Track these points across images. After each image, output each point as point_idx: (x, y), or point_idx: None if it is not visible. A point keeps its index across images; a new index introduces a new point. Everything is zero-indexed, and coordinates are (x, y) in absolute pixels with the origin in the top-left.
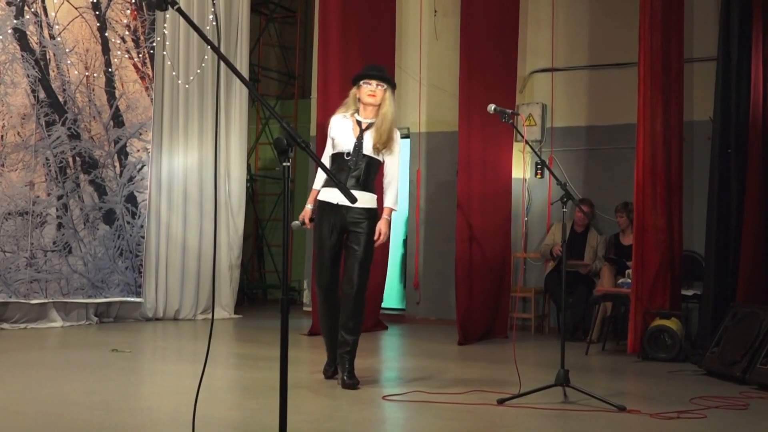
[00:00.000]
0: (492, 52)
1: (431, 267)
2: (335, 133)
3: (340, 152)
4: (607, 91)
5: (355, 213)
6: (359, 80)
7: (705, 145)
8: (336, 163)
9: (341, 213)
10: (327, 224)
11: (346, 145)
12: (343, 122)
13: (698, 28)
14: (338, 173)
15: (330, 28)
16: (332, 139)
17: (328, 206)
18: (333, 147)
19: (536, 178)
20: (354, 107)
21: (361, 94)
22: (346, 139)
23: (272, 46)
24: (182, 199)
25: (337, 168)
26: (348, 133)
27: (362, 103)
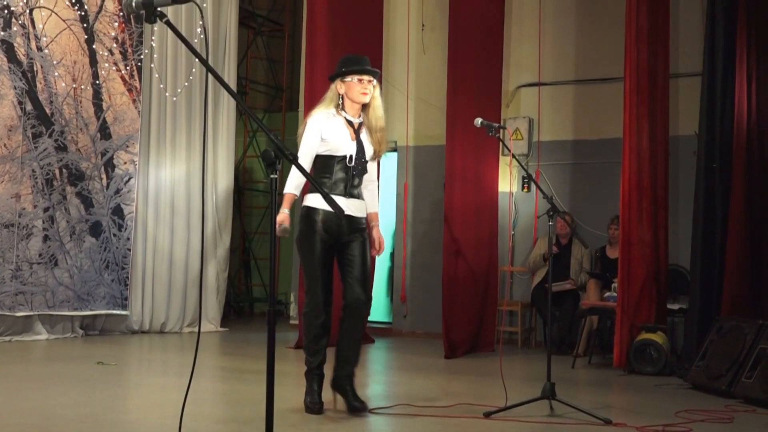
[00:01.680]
0: (479, 66)
1: (418, 280)
2: (329, 134)
3: (335, 156)
4: (594, 106)
5: (356, 222)
6: (346, 75)
7: (690, 159)
8: (330, 167)
9: (342, 223)
10: (324, 236)
11: (346, 148)
12: (333, 121)
13: (684, 44)
14: (337, 180)
15: (317, 42)
16: (323, 140)
17: (330, 216)
18: (322, 148)
19: (523, 191)
20: (335, 103)
21: (350, 91)
22: (342, 141)
23: (260, 59)
24: (169, 211)
25: (336, 174)
26: (344, 135)
27: (350, 101)
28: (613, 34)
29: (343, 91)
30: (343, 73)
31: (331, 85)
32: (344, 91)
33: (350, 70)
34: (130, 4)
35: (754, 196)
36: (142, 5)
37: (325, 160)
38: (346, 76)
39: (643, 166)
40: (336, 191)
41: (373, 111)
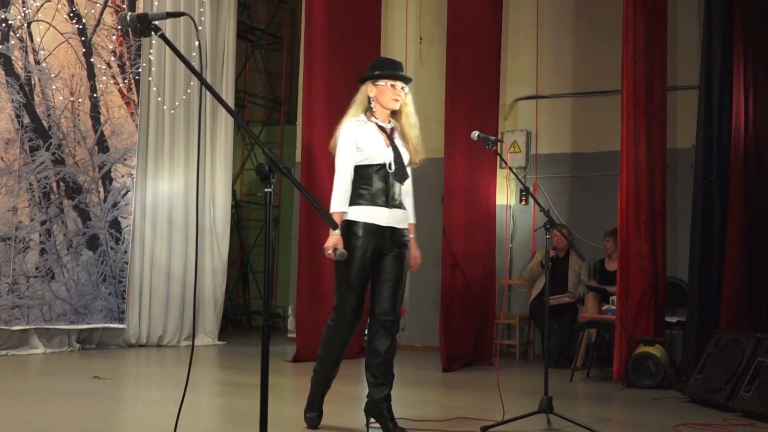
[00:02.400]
0: (477, 79)
1: (416, 293)
2: (365, 142)
3: (373, 165)
4: (591, 119)
5: (398, 235)
6: (379, 79)
7: (688, 172)
8: (369, 177)
9: (385, 236)
10: (368, 250)
11: (383, 156)
12: (365, 129)
13: (681, 57)
14: (377, 190)
15: (315, 55)
16: (359, 149)
17: (372, 229)
18: (358, 158)
19: (521, 204)
20: (365, 108)
21: (381, 96)
22: (379, 148)
23: (258, 73)
24: (167, 224)
25: (375, 183)
26: (379, 142)
27: (380, 106)
28: (611, 47)
29: (373, 94)
30: (376, 77)
31: (361, 87)
32: (374, 95)
33: (384, 74)
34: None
35: (751, 209)
36: (137, 19)
37: (362, 170)
38: (378, 79)
39: (640, 179)
40: (377, 202)
41: (405, 117)
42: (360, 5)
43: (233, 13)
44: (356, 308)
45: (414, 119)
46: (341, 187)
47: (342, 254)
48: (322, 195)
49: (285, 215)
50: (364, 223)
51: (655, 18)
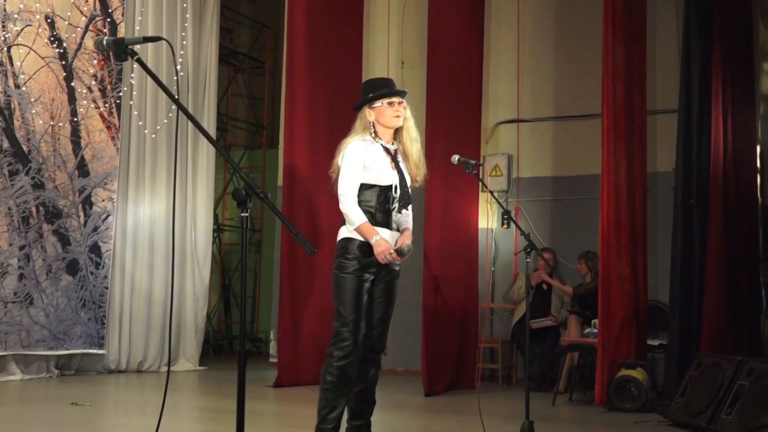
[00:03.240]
0: (458, 103)
1: (398, 317)
2: (372, 162)
3: (379, 186)
4: (572, 142)
5: (393, 262)
6: (374, 101)
7: (668, 195)
8: (373, 198)
9: None
10: (368, 270)
11: (389, 177)
12: (373, 149)
13: (660, 81)
14: (382, 211)
15: (297, 79)
16: (366, 168)
17: (368, 248)
18: (364, 178)
19: (502, 228)
20: (369, 132)
21: (381, 117)
22: (386, 170)
23: (241, 97)
24: (148, 249)
25: (380, 205)
26: (386, 164)
27: (383, 127)
28: (591, 72)
29: (373, 118)
30: (371, 99)
31: (359, 114)
32: (375, 118)
33: (378, 94)
34: (102, 42)
35: (731, 232)
36: (114, 44)
37: (367, 189)
38: (374, 101)
39: (621, 203)
40: (381, 223)
41: (407, 133)
42: (341, 29)
43: (215, 38)
44: (358, 333)
45: (415, 134)
46: (352, 201)
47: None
48: (304, 219)
49: (267, 239)
50: (360, 241)
51: (634, 42)
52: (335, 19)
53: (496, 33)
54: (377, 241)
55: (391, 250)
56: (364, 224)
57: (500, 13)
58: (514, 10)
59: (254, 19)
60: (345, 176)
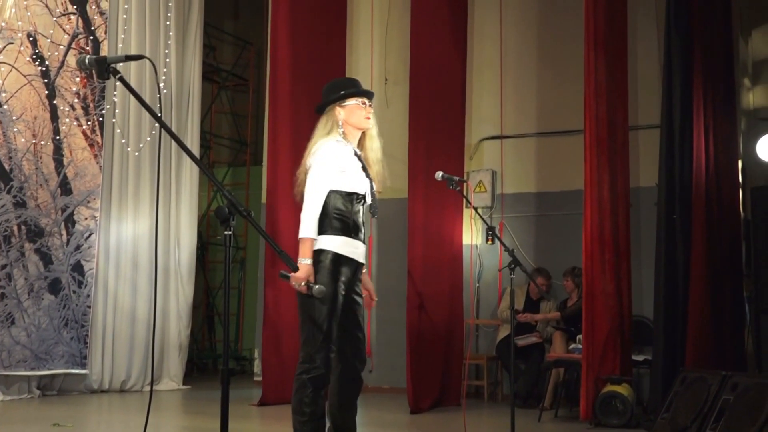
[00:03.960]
0: (441, 119)
1: (384, 335)
2: (348, 166)
3: (355, 193)
4: (556, 158)
5: (361, 269)
6: (346, 98)
7: (651, 210)
8: (349, 207)
9: (356, 273)
10: (344, 286)
11: (362, 184)
12: (347, 151)
13: (642, 97)
14: (358, 223)
15: (280, 96)
16: (342, 172)
17: (348, 263)
18: (339, 184)
19: (487, 244)
20: (337, 132)
21: (352, 116)
22: (360, 176)
23: (224, 114)
24: (131, 267)
25: (355, 215)
26: (359, 169)
27: (352, 127)
28: (573, 87)
29: (343, 116)
30: (343, 97)
31: (328, 112)
32: (344, 117)
33: (351, 92)
34: (84, 60)
35: (713, 247)
36: (95, 62)
37: (343, 196)
38: (345, 99)
39: (604, 218)
40: (358, 236)
41: (370, 140)
42: (325, 46)
43: (198, 55)
44: (330, 357)
45: (378, 143)
46: (316, 209)
47: (320, 290)
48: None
49: (251, 256)
50: (344, 256)
51: (615, 58)
52: (319, 36)
53: (479, 49)
54: (302, 264)
55: (303, 282)
56: (309, 242)
57: (483, 30)
58: (496, 27)
59: (237, 37)
60: (317, 179)
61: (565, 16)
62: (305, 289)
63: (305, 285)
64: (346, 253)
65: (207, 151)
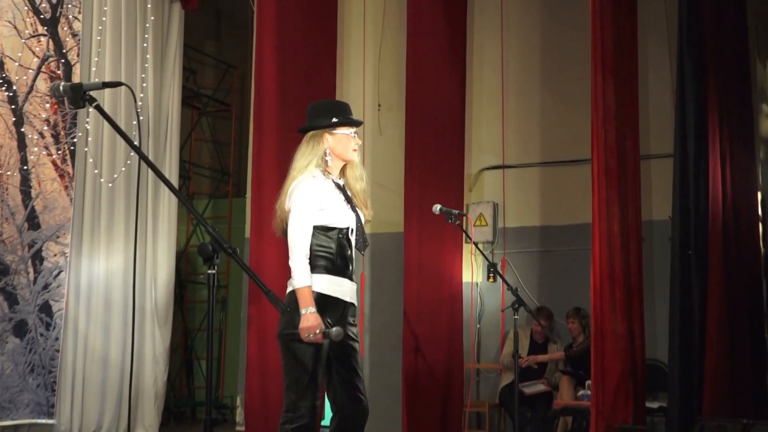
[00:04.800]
0: (438, 148)
1: (377, 379)
2: (327, 201)
3: (337, 228)
4: (562, 190)
5: (353, 313)
6: (337, 126)
7: (665, 245)
8: (331, 242)
9: (345, 314)
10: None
11: (346, 218)
12: (327, 187)
13: (654, 124)
14: (344, 258)
15: (265, 123)
16: (322, 210)
17: (333, 303)
18: (319, 219)
19: (488, 282)
20: (319, 162)
21: (339, 146)
22: (342, 209)
23: (205, 142)
24: (103, 308)
25: (340, 250)
26: (340, 201)
27: (336, 158)
28: (580, 114)
29: (330, 145)
30: (334, 124)
31: (314, 137)
32: (331, 146)
33: (344, 120)
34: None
35: (732, 284)
36: (71, 90)
37: (324, 232)
38: (337, 127)
39: (614, 254)
40: (344, 273)
41: (352, 170)
42: (314, 70)
43: (178, 79)
44: (316, 406)
45: (360, 171)
46: (303, 255)
47: (339, 333)
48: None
49: (233, 295)
50: (328, 296)
51: (625, 83)
52: (307, 58)
53: (478, 74)
54: (307, 314)
55: (317, 330)
56: (306, 290)
57: (483, 53)
58: (497, 50)
59: (219, 59)
60: (298, 223)
61: (570, 37)
62: (321, 337)
63: (320, 333)
64: (330, 293)
65: (186, 181)
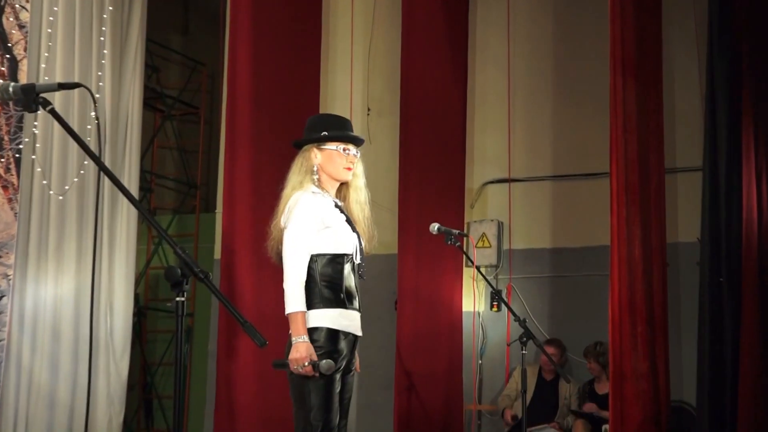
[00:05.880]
0: (436, 158)
1: (365, 423)
2: (332, 221)
3: (342, 254)
4: (576, 207)
5: (355, 345)
6: (327, 141)
7: (693, 271)
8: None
9: (353, 345)
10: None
11: (349, 243)
12: (327, 204)
13: (681, 133)
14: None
15: (239, 129)
16: (326, 228)
17: (346, 338)
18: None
19: (492, 311)
20: (312, 179)
21: (329, 164)
22: (346, 232)
23: (169, 149)
24: (50, 339)
25: (347, 279)
26: (343, 223)
27: (328, 176)
28: (597, 121)
29: (318, 161)
30: (324, 139)
31: (303, 153)
32: (320, 162)
33: (335, 135)
34: (6, 89)
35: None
36: (22, 91)
37: (331, 259)
38: (326, 142)
39: (636, 281)
40: (353, 304)
41: (354, 193)
42: (295, 69)
43: (139, 78)
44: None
45: (365, 196)
46: (299, 278)
47: (330, 366)
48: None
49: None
50: (332, 329)
51: (648, 87)
52: (287, 55)
53: (482, 74)
54: (298, 344)
55: (307, 362)
56: (301, 316)
57: (487, 52)
58: (503, 48)
59: (187, 56)
60: (295, 242)
61: (586, 35)
62: (310, 369)
63: (309, 365)
64: (342, 328)
65: (147, 194)
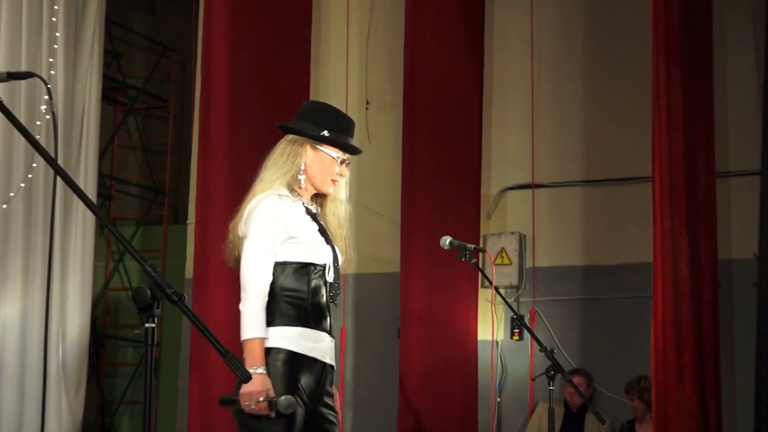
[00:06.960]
0: (447, 160)
1: None
2: (299, 229)
3: (313, 264)
4: (612, 217)
5: (331, 379)
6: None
7: (749, 292)
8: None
9: (323, 378)
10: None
11: (321, 253)
12: (295, 210)
13: (734, 132)
14: (320, 306)
15: (214, 126)
16: (291, 238)
17: (308, 364)
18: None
19: (512, 340)
20: (289, 178)
21: (318, 169)
22: (317, 241)
23: (132, 149)
24: None
25: (316, 295)
26: (314, 232)
27: (310, 182)
28: (636, 118)
29: (308, 161)
30: (324, 139)
31: (293, 144)
32: (308, 163)
33: (337, 141)
34: None
35: None
36: None
37: (294, 271)
38: (324, 143)
39: (682, 304)
40: (321, 325)
41: (334, 204)
42: (281, 54)
43: (97, 65)
44: None
45: (344, 210)
46: (259, 298)
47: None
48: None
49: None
50: (302, 355)
51: (696, 77)
52: (271, 40)
53: (501, 63)
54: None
55: (261, 397)
56: (259, 342)
57: (507, 37)
58: (526, 33)
59: (153, 40)
60: (254, 254)
61: (622, 18)
62: (265, 407)
63: (264, 402)
64: (303, 351)
65: (106, 202)
